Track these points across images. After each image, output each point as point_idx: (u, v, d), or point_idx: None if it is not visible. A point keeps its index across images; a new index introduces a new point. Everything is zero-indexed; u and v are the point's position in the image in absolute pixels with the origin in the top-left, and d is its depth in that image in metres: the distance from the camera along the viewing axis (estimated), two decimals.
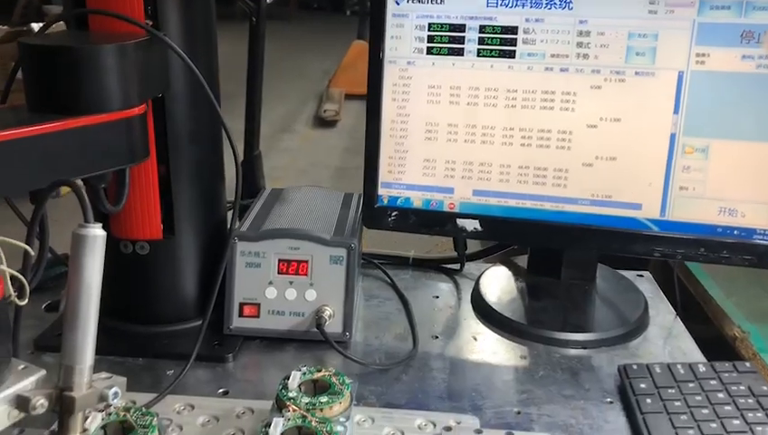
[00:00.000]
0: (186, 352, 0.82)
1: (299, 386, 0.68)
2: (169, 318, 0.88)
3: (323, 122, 5.03)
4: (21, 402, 0.47)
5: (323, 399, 0.66)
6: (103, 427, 0.62)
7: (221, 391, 0.79)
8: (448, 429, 0.70)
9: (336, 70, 5.78)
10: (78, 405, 0.47)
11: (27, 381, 0.48)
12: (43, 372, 0.50)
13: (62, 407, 0.47)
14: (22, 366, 0.49)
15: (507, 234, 0.95)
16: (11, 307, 0.53)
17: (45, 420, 0.69)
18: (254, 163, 1.14)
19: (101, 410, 0.62)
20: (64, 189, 0.57)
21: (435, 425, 0.72)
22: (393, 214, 0.95)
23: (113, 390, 0.50)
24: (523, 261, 1.06)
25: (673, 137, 0.86)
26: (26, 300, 0.53)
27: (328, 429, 0.62)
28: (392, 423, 0.72)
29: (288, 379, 0.69)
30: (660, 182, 0.88)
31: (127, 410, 0.63)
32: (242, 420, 0.73)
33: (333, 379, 0.69)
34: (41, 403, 0.47)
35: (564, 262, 0.99)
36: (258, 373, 0.84)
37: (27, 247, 0.52)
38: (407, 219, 0.95)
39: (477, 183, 0.92)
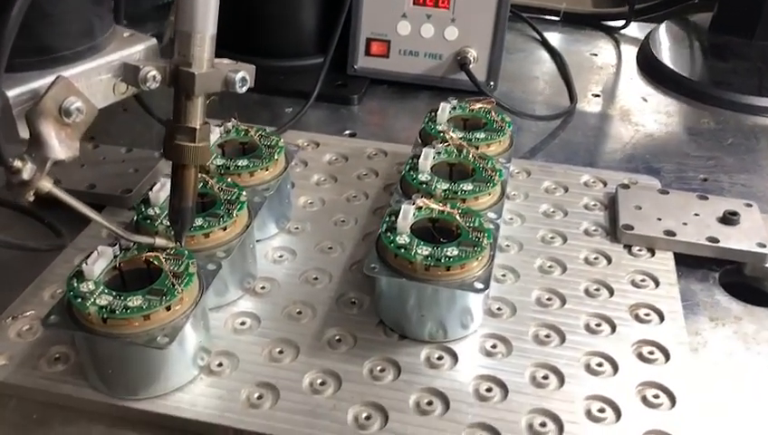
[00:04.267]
0: (306, 90, 0.71)
1: (448, 121, 0.56)
2: (287, 51, 0.77)
3: None
4: (128, 73, 0.37)
5: (480, 135, 0.54)
6: (221, 145, 0.53)
7: (347, 132, 0.69)
8: (625, 187, 0.57)
9: None
10: (198, 85, 0.37)
11: (135, 49, 0.37)
12: (153, 41, 0.39)
13: (179, 85, 0.37)
14: (128, 33, 0.39)
15: None
16: None
17: (155, 144, 0.61)
18: None
19: (220, 125, 0.53)
20: None
21: (605, 183, 0.60)
22: None
23: (240, 74, 0.38)
24: (700, 21, 0.87)
25: None
26: None
27: (489, 165, 0.50)
28: (552, 178, 0.60)
29: (436, 111, 0.56)
30: None
31: (249, 128, 0.53)
32: (374, 161, 0.62)
33: (492, 115, 0.56)
34: (152, 75, 0.36)
35: (763, 16, 0.79)
36: (388, 119, 0.72)
37: None
38: None
39: None
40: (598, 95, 0.76)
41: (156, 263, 0.40)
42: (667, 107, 0.74)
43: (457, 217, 0.44)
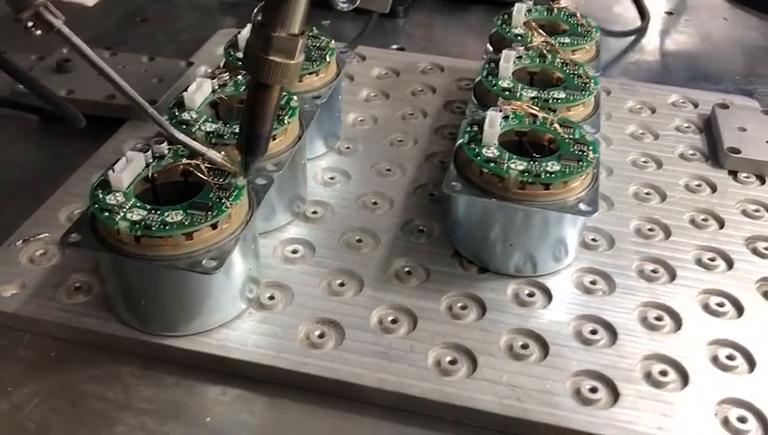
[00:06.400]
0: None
1: (524, 24, 0.48)
2: None
3: None
4: None
5: (565, 39, 0.47)
6: None
7: (395, 47, 0.61)
8: (724, 107, 0.50)
9: None
10: None
11: None
12: None
13: None
14: None
15: None
16: None
17: (180, 55, 0.54)
18: None
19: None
20: None
21: (696, 104, 0.52)
22: None
23: None
24: None
25: None
26: None
27: (580, 70, 0.43)
28: (636, 97, 0.52)
29: (510, 14, 0.49)
30: None
31: None
32: (429, 77, 0.55)
33: (577, 18, 0.48)
34: None
35: None
36: (440, 33, 0.64)
37: None
38: None
39: None
40: (671, 13, 0.68)
41: (197, 174, 0.33)
42: (751, 26, 0.66)
43: (557, 125, 0.37)
